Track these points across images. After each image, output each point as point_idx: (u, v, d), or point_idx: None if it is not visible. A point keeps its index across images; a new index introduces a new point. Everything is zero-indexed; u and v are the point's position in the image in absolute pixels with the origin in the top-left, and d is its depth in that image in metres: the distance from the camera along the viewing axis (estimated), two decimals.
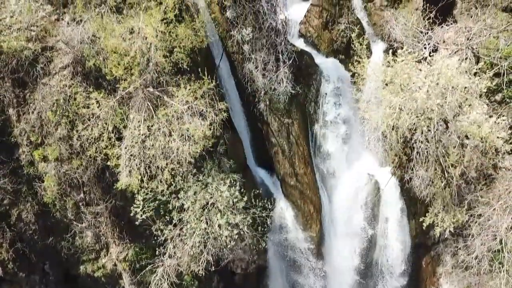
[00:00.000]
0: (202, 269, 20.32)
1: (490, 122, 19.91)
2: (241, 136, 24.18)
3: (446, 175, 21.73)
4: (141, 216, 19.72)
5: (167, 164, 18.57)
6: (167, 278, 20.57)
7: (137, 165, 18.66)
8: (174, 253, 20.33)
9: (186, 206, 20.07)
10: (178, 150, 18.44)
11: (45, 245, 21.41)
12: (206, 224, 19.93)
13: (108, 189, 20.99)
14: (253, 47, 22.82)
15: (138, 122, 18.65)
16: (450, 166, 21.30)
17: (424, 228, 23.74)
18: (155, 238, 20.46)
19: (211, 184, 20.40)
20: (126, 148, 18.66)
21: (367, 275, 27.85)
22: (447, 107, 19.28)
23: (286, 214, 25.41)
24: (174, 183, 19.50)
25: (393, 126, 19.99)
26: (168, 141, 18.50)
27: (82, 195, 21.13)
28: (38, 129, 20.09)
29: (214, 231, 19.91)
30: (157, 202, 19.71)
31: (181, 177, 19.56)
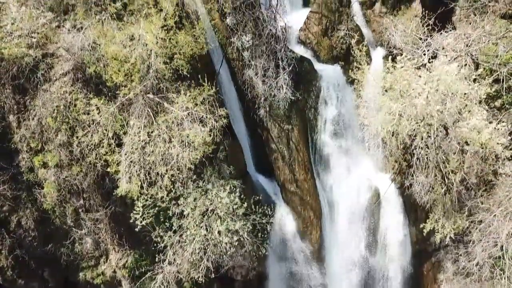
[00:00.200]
0: (202, 276, 20.23)
1: (490, 128, 19.93)
2: (241, 142, 24.18)
3: (446, 181, 21.72)
4: (140, 222, 19.66)
5: (167, 170, 18.56)
6: (167, 285, 20.48)
7: (137, 171, 18.65)
8: (174, 259, 20.25)
9: (186, 213, 20.02)
10: (178, 156, 18.44)
11: (44, 251, 21.34)
12: (206, 230, 19.88)
13: (107, 195, 20.97)
14: (253, 54, 22.90)
15: (138, 128, 18.67)
16: (450, 172, 21.30)
17: (424, 234, 23.69)
18: (155, 244, 20.39)
19: (211, 190, 20.38)
20: (126, 154, 18.66)
21: (368, 283, 27.71)
22: (447, 113, 19.31)
23: (286, 220, 25.35)
24: (174, 190, 19.47)
25: (393, 132, 20.02)
26: (168, 147, 18.51)
27: (81, 202, 21.09)
28: (38, 135, 20.11)
29: (214, 238, 19.85)
30: (157, 208, 19.67)
31: (181, 183, 19.55)
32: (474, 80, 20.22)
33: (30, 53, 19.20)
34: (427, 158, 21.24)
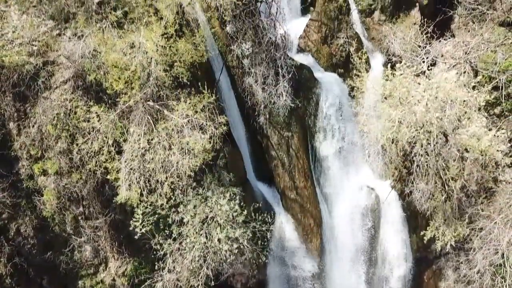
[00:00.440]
0: (202, 284, 20.09)
1: (490, 135, 19.98)
2: (241, 149, 24.18)
3: (447, 188, 21.71)
4: (140, 230, 19.59)
5: (167, 177, 18.53)
6: None
7: (136, 178, 18.62)
8: (174, 267, 20.14)
9: (185, 220, 19.96)
10: (178, 163, 18.43)
11: (43, 259, 21.23)
12: (206, 238, 19.80)
13: (107, 203, 20.92)
14: (252, 62, 22.98)
15: (138, 135, 18.68)
16: (450, 179, 21.30)
17: (425, 242, 23.62)
18: (154, 252, 20.29)
19: (211, 197, 20.33)
20: (126, 161, 18.65)
21: None
22: (446, 120, 19.36)
23: (286, 227, 25.27)
24: (173, 197, 19.43)
25: (392, 139, 20.05)
26: (168, 154, 18.50)
27: (81, 209, 21.04)
28: (38, 142, 20.12)
29: (213, 245, 19.77)
30: (156, 216, 19.60)
31: (180, 190, 19.51)
32: (473, 87, 20.31)
33: (31, 61, 19.28)
34: (427, 165, 21.25)
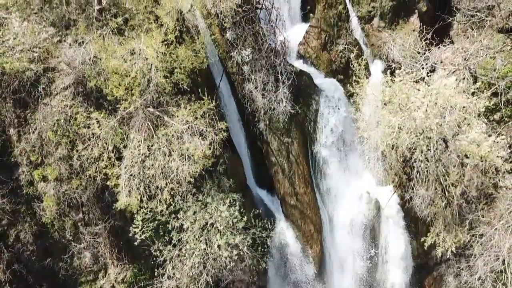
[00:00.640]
0: None
1: (489, 141, 19.98)
2: (241, 155, 24.19)
3: (447, 195, 21.66)
4: (140, 236, 19.56)
5: (167, 184, 18.52)
6: None
7: (136, 185, 18.61)
8: (173, 274, 20.06)
9: (185, 226, 19.92)
10: (177, 169, 18.42)
11: (42, 266, 21.15)
12: (206, 244, 19.75)
13: (107, 209, 20.88)
14: (252, 68, 23.06)
15: (138, 142, 18.70)
16: (451, 185, 21.25)
17: (425, 248, 23.51)
18: (154, 258, 20.23)
19: (211, 204, 20.30)
20: (125, 168, 18.65)
21: None
22: (446, 127, 19.37)
23: (286, 234, 25.19)
24: (173, 203, 19.41)
25: (392, 145, 20.05)
26: (168, 160, 18.50)
27: (81, 215, 21.00)
28: (38, 149, 20.13)
29: (213, 252, 19.71)
30: (156, 222, 19.58)
31: (180, 197, 19.49)
32: (473, 93, 20.34)
33: (32, 67, 19.37)
34: (427, 171, 21.22)
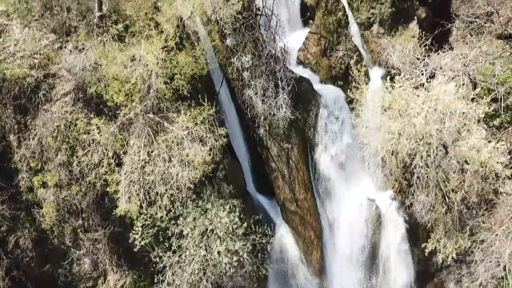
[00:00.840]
0: None
1: (489, 147, 20.01)
2: (240, 161, 24.19)
3: (447, 200, 21.64)
4: (139, 242, 19.50)
5: (167, 190, 18.50)
6: None
7: (136, 191, 18.59)
8: (173, 280, 19.97)
9: (185, 233, 19.87)
10: (177, 175, 18.42)
11: (41, 272, 21.07)
12: (206, 250, 19.69)
13: (107, 215, 20.83)
14: (252, 74, 23.14)
15: (138, 148, 18.71)
16: (451, 191, 21.24)
17: (426, 254, 23.44)
18: (154, 265, 20.15)
19: (211, 210, 20.26)
20: (125, 174, 18.64)
21: None
22: (446, 132, 19.40)
23: (286, 240, 25.12)
24: (173, 209, 19.36)
25: (392, 151, 20.08)
26: (167, 166, 18.50)
27: (80, 222, 20.96)
28: (38, 155, 20.13)
29: (213, 258, 19.65)
30: (156, 228, 19.53)
31: (180, 203, 19.44)
32: (472, 99, 20.39)
33: (32, 73, 19.42)
34: (427, 177, 21.22)
